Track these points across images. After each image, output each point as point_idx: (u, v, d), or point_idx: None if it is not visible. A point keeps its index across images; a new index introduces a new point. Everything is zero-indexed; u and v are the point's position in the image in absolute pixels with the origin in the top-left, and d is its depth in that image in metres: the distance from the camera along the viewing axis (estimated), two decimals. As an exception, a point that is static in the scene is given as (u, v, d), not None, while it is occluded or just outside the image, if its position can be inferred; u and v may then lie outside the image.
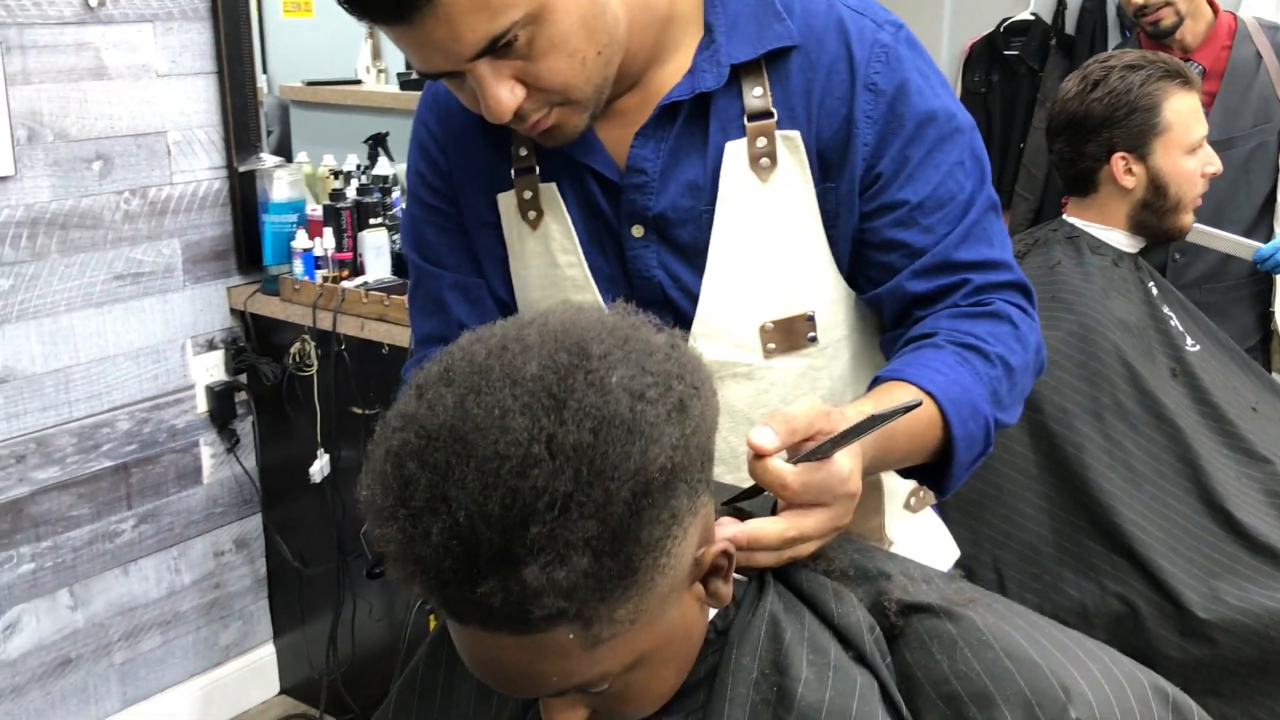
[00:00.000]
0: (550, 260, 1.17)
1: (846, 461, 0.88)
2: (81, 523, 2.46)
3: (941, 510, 1.83)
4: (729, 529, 0.85)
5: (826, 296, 1.14)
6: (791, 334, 1.14)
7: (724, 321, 1.13)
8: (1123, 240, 1.96)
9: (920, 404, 0.92)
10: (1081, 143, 1.94)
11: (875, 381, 1.05)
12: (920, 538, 1.30)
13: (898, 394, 1.00)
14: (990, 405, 1.06)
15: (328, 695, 2.70)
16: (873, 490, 1.24)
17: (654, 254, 1.14)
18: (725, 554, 0.81)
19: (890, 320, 1.17)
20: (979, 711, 0.82)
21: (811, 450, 0.86)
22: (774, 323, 1.13)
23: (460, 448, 0.69)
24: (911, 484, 1.28)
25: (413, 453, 0.70)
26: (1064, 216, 2.01)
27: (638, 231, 1.13)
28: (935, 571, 0.96)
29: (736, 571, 0.89)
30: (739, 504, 0.94)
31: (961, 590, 0.92)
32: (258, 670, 2.87)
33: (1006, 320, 1.11)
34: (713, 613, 0.88)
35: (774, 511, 0.89)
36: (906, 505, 1.29)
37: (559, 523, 0.68)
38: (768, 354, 1.14)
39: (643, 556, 0.71)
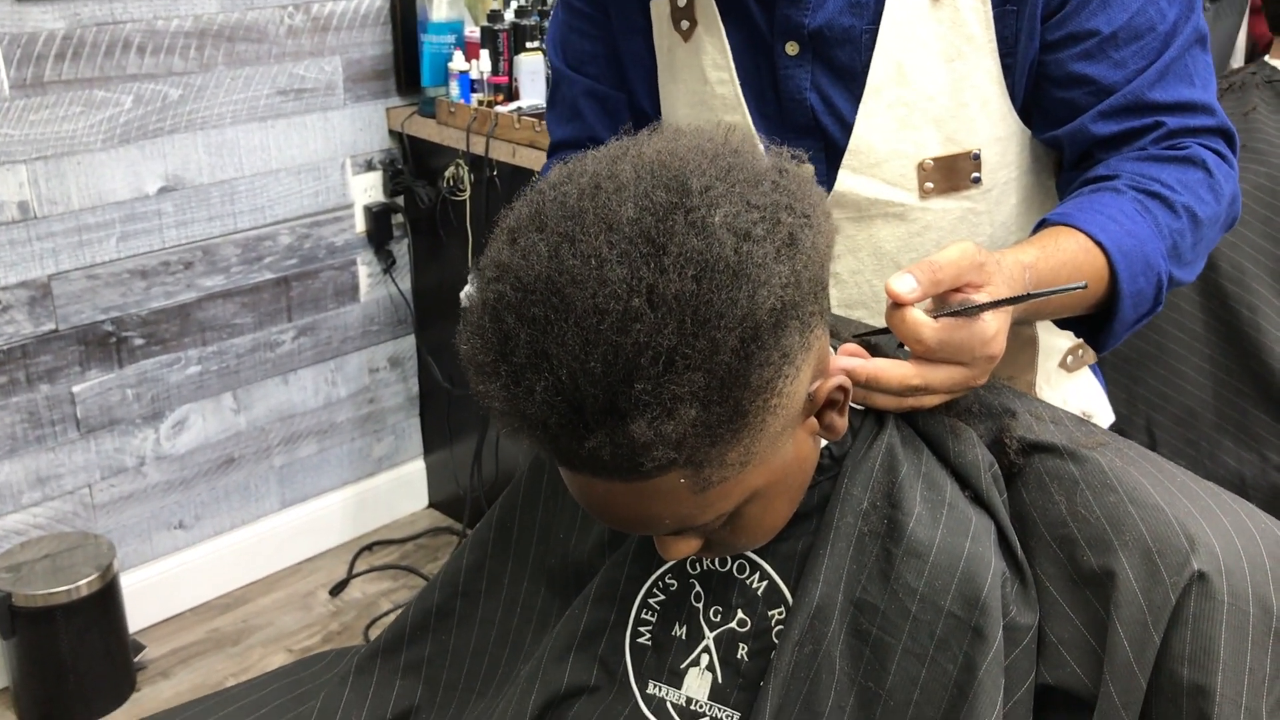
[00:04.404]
0: (700, 76, 1.12)
1: (994, 322, 0.81)
2: (244, 331, 2.57)
3: (1097, 366, 1.75)
4: (850, 361, 0.81)
5: (995, 134, 1.06)
6: (953, 173, 1.06)
7: (878, 155, 1.06)
8: (1331, 87, 1.78)
9: (1085, 287, 0.85)
10: (1294, -25, 1.76)
11: (1041, 224, 0.97)
12: (1074, 399, 1.23)
13: (1063, 241, 0.92)
14: (1167, 261, 0.96)
15: (471, 511, 2.80)
16: (1026, 346, 1.17)
17: (807, 74, 1.07)
18: (841, 388, 0.78)
19: (1069, 163, 1.08)
20: (1094, 557, 0.77)
21: (959, 308, 0.80)
22: (934, 160, 1.05)
23: (558, 301, 0.66)
24: (1069, 342, 1.20)
25: (510, 306, 0.68)
26: (1266, 58, 1.84)
27: (792, 49, 1.06)
28: (1067, 413, 0.90)
29: (855, 403, 0.85)
30: (869, 338, 0.89)
31: (1092, 433, 0.87)
32: (407, 483, 2.99)
33: (1200, 166, 1.00)
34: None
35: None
36: (1062, 364, 1.22)
37: (664, 378, 0.65)
38: (924, 194, 1.07)
39: (752, 399, 0.68)
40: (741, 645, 0.85)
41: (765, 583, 0.85)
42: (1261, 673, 0.73)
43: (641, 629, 0.88)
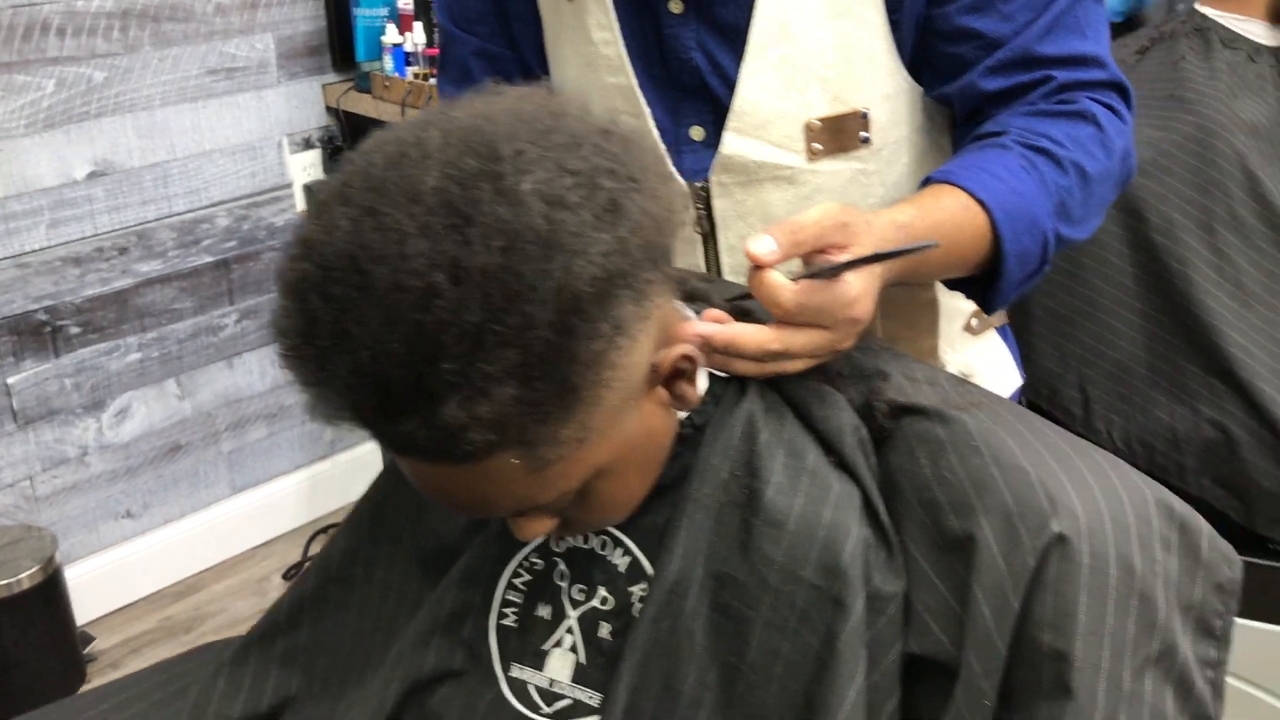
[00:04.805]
0: (585, 36, 1.09)
1: (856, 283, 0.78)
2: (185, 316, 2.53)
3: (1026, 324, 1.72)
4: (705, 327, 0.78)
5: (884, 91, 1.03)
6: (841, 134, 1.03)
7: (764, 116, 1.03)
8: (1261, 32, 1.74)
9: (937, 246, 0.82)
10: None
11: (926, 183, 0.94)
12: (978, 362, 1.21)
13: (944, 200, 0.90)
14: (1054, 219, 0.94)
15: (425, 491, 2.77)
16: (927, 309, 1.15)
17: (693, 33, 1.04)
18: (687, 357, 0.75)
19: (961, 119, 1.05)
20: (957, 520, 0.75)
21: (817, 270, 0.78)
22: (821, 120, 1.02)
23: (359, 279, 0.63)
24: (973, 305, 1.17)
25: (313, 285, 0.65)
26: (1195, 5, 1.80)
27: (676, 7, 1.03)
28: (946, 375, 0.88)
29: (717, 370, 0.83)
30: (743, 303, 0.86)
31: (968, 394, 0.84)
32: (363, 465, 2.96)
33: (1090, 121, 0.98)
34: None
35: None
36: (967, 327, 1.19)
37: (473, 356, 0.62)
38: (812, 155, 1.04)
39: (581, 374, 0.65)
40: (604, 624, 0.82)
41: (627, 558, 0.82)
42: (1124, 635, 0.71)
43: (507, 610, 0.86)
